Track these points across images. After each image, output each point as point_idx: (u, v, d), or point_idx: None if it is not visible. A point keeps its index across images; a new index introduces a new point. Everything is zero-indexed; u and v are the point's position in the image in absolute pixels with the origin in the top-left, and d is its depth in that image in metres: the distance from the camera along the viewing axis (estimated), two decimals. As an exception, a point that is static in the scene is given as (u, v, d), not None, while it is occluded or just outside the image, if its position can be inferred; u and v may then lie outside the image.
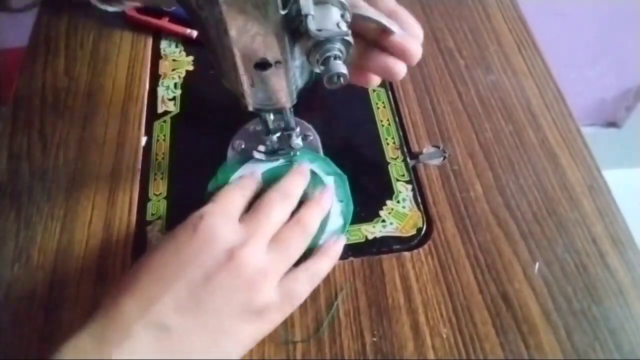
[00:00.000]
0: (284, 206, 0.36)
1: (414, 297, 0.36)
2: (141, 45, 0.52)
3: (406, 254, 0.38)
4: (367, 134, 0.45)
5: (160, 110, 0.48)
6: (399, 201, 0.41)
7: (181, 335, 0.29)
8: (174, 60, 0.52)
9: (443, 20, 0.53)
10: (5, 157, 0.45)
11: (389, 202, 0.41)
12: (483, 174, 0.42)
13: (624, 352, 0.34)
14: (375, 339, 0.34)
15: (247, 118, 0.45)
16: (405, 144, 0.44)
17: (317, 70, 0.30)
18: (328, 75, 0.29)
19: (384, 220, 0.40)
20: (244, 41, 0.29)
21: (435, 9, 0.54)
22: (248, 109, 0.35)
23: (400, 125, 0.46)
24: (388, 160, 0.43)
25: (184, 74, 0.50)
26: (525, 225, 0.39)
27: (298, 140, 0.41)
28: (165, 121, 0.47)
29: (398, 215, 0.40)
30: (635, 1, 0.97)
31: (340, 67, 0.29)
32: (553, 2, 0.94)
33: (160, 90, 0.49)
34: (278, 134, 0.40)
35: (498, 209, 0.40)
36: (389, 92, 0.48)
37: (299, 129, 0.41)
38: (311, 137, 0.44)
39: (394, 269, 0.37)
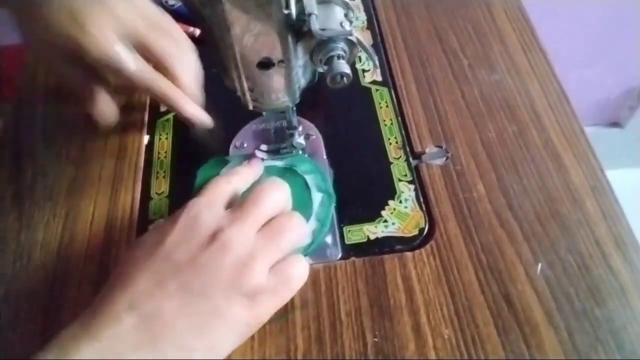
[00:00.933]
0: (275, 195, 0.34)
1: (416, 298, 0.36)
2: (143, 44, 0.52)
3: (408, 254, 0.38)
4: (370, 133, 0.45)
5: (162, 108, 0.48)
6: (401, 201, 0.41)
7: (171, 319, 0.29)
8: (176, 58, 0.52)
9: (447, 19, 0.53)
10: (7, 156, 0.45)
11: (391, 202, 0.41)
12: (486, 174, 0.42)
13: (625, 353, 0.33)
14: (376, 339, 0.34)
15: (250, 117, 0.45)
16: (407, 143, 0.44)
17: (321, 69, 0.30)
18: (331, 75, 0.29)
19: (386, 221, 0.40)
20: (247, 40, 0.29)
21: (439, 8, 0.54)
22: (250, 108, 0.35)
23: (403, 125, 0.45)
24: (390, 160, 0.43)
25: (186, 73, 0.50)
26: (527, 225, 0.39)
27: (300, 140, 0.41)
28: (167, 120, 0.47)
29: (400, 216, 0.40)
30: (637, 1, 0.97)
31: (344, 67, 0.29)
32: (556, 2, 0.94)
33: (163, 89, 0.49)
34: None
35: (501, 210, 0.40)
36: (392, 92, 0.48)
37: (301, 128, 0.41)
38: (313, 137, 0.44)
39: (395, 269, 0.37)
